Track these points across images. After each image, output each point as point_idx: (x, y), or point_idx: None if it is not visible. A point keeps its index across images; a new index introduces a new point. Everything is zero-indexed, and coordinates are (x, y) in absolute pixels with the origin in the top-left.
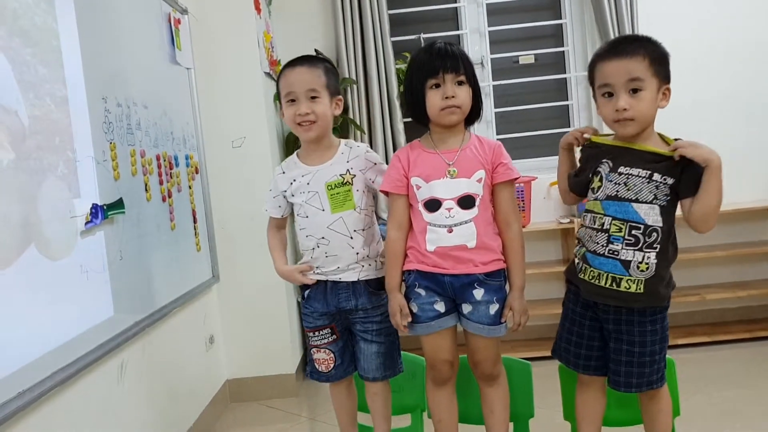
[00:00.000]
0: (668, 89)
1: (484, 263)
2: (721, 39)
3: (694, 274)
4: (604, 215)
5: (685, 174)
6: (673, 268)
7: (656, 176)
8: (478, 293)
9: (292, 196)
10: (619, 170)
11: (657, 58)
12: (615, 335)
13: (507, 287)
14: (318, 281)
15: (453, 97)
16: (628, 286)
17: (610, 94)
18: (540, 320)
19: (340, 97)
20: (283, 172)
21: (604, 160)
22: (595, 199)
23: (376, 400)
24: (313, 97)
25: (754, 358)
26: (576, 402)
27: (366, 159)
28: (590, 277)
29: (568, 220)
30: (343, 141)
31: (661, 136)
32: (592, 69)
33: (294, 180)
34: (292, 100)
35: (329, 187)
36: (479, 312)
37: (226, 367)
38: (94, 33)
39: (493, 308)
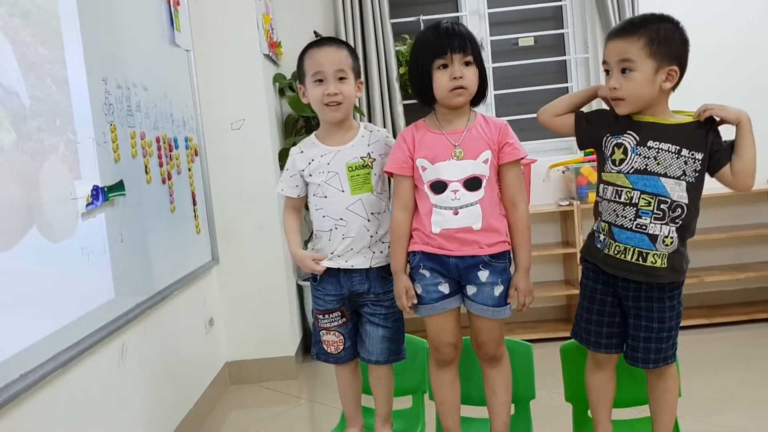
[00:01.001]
0: (673, 70)
1: (490, 245)
2: (727, 21)
3: (692, 256)
4: (633, 189)
5: (713, 145)
6: None
7: (684, 151)
8: (483, 275)
9: (310, 176)
10: (648, 144)
11: (657, 39)
12: (634, 311)
13: (512, 269)
14: (329, 268)
15: (461, 77)
16: (654, 261)
17: (608, 72)
18: (540, 302)
19: (362, 80)
20: (302, 152)
21: (628, 132)
22: (618, 172)
23: (379, 384)
24: (341, 78)
25: (753, 340)
26: (589, 384)
27: (386, 144)
28: (615, 252)
29: (568, 203)
30: (361, 123)
31: (679, 113)
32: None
33: (312, 159)
34: (320, 80)
35: (350, 169)
36: (484, 293)
37: (226, 349)
38: (94, 14)
39: (498, 290)
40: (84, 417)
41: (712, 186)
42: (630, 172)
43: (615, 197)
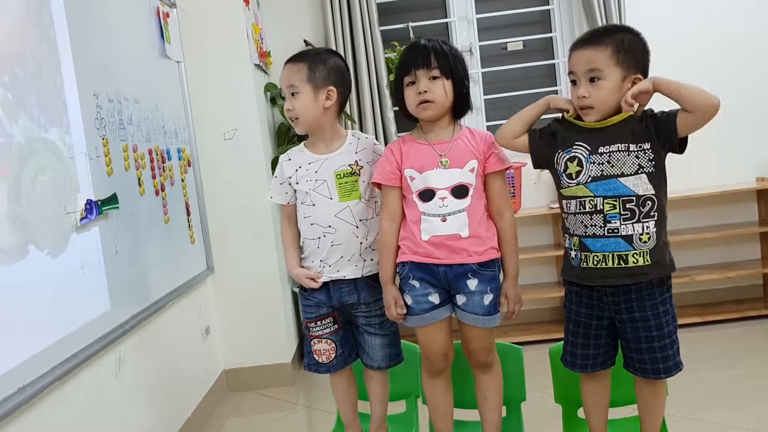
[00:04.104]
0: (638, 78)
1: (478, 253)
2: (712, 23)
3: (683, 255)
4: (594, 196)
5: (659, 128)
6: None
7: (632, 146)
8: (472, 283)
9: (297, 183)
10: (599, 151)
11: (623, 48)
12: (630, 324)
13: (501, 276)
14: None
15: (425, 92)
16: (636, 260)
17: (575, 82)
18: (531, 305)
19: (331, 87)
20: (289, 159)
21: (578, 144)
22: (578, 184)
23: (375, 385)
24: (292, 93)
25: (744, 337)
26: (584, 394)
27: (374, 152)
28: (595, 263)
29: (558, 205)
30: (349, 131)
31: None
32: (568, 58)
33: (299, 167)
34: (283, 97)
35: (338, 176)
36: (473, 302)
37: (223, 357)
38: (84, 28)
39: (487, 298)
40: (82, 429)
41: (701, 186)
42: (588, 181)
43: (580, 209)
